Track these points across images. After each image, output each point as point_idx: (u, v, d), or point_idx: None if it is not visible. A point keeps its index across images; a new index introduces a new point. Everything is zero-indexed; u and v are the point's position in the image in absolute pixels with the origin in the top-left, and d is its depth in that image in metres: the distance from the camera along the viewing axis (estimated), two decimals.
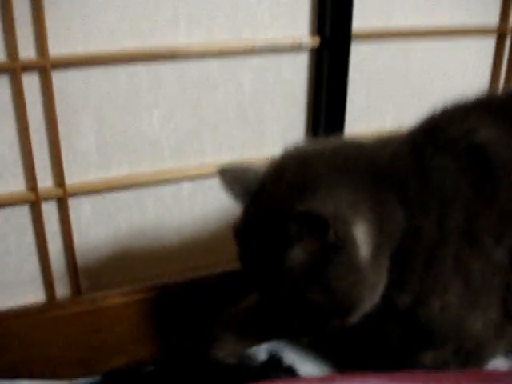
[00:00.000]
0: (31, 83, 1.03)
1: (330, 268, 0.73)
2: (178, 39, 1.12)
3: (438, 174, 0.79)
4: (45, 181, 1.10)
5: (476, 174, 0.79)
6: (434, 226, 0.78)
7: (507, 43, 1.47)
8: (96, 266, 1.20)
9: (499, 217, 0.77)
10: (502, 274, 0.79)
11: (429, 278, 0.79)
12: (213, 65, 1.16)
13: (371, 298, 0.79)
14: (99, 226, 1.18)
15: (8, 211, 1.09)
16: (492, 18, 1.45)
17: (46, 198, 1.10)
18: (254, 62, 1.20)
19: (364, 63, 1.31)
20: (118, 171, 1.16)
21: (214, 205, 1.25)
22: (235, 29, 1.16)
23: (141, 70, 1.11)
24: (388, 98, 1.37)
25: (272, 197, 0.79)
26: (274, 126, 1.24)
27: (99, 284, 1.20)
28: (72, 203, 1.13)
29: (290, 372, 0.92)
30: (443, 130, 0.83)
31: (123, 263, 1.22)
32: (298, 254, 0.74)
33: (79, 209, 1.15)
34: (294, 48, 1.21)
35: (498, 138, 0.80)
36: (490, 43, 1.47)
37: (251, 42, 1.16)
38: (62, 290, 1.17)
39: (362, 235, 0.75)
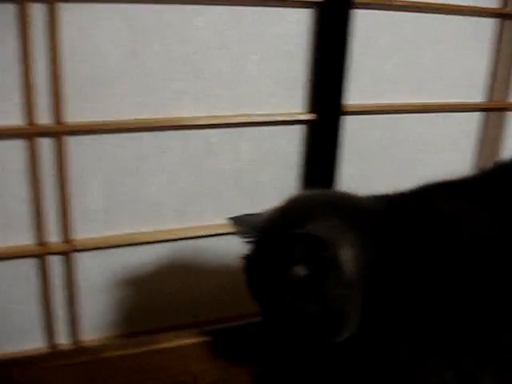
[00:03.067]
0: (46, 147, 1.13)
1: (326, 282, 0.85)
2: (183, 111, 1.22)
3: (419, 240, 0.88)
4: (52, 236, 1.19)
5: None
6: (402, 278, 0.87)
7: (492, 118, 1.57)
8: (97, 317, 1.27)
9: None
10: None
11: (399, 324, 0.87)
12: (214, 135, 1.27)
13: (355, 315, 0.88)
14: (101, 280, 1.26)
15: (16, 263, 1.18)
16: (477, 95, 1.55)
17: (54, 253, 1.18)
18: (252, 133, 1.30)
19: (356, 136, 1.41)
20: (123, 230, 1.25)
21: (213, 263, 1.34)
22: (236, 103, 1.26)
23: (148, 138, 1.21)
24: (378, 168, 1.46)
25: (276, 227, 0.91)
26: (269, 193, 1.33)
27: (101, 335, 1.27)
28: (77, 257, 1.21)
29: None
30: (420, 203, 0.93)
31: (122, 316, 1.29)
32: (300, 270, 0.85)
33: (84, 263, 1.23)
34: (289, 123, 1.31)
35: (467, 216, 0.88)
36: (475, 118, 1.57)
37: (250, 116, 1.27)
38: (62, 339, 1.25)
39: (348, 258, 0.87)
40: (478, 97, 1.55)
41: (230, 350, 1.06)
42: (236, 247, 0.92)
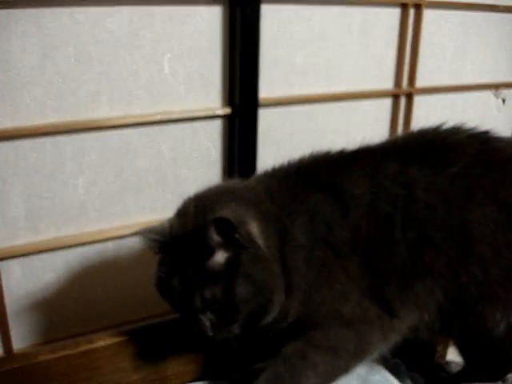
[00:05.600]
0: None
1: (244, 261, 0.92)
2: (100, 112, 1.23)
3: (304, 196, 1.01)
4: None
5: (333, 200, 1.00)
6: (303, 232, 0.98)
7: (402, 103, 1.64)
8: (26, 323, 1.27)
9: (350, 232, 0.97)
10: (364, 273, 0.98)
11: (310, 277, 0.97)
12: (133, 134, 1.28)
13: (280, 288, 0.96)
14: (28, 287, 1.25)
15: None
16: (388, 83, 1.63)
17: None
18: (172, 130, 1.32)
19: (272, 127, 1.45)
20: (46, 234, 1.24)
21: (137, 261, 1.35)
22: (153, 101, 1.28)
23: (65, 140, 1.21)
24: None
25: (182, 226, 0.97)
26: (192, 188, 1.34)
27: (31, 341, 1.26)
28: (2, 266, 1.20)
29: None
30: (311, 170, 1.05)
31: (52, 320, 1.29)
32: (219, 256, 0.92)
33: (9, 271, 1.22)
34: (208, 117, 1.34)
35: (352, 178, 1.01)
36: (386, 104, 1.65)
37: (168, 113, 1.29)
38: None
39: (256, 232, 0.96)
40: (387, 84, 1.63)
41: (156, 345, 1.08)
42: None
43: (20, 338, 1.26)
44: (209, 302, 0.92)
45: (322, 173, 1.03)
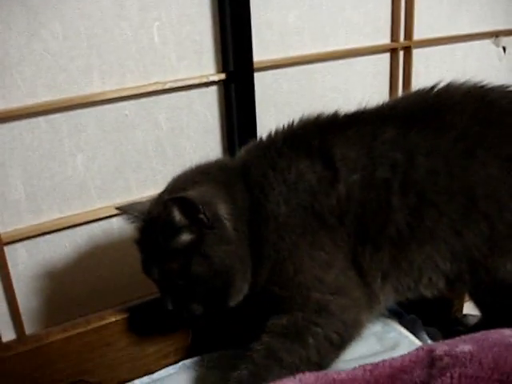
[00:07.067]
0: None
1: (206, 241, 0.94)
2: (93, 87, 1.21)
3: (286, 164, 0.99)
4: None
5: (321, 167, 0.97)
6: (280, 201, 0.97)
7: (400, 58, 1.61)
8: (37, 306, 1.26)
9: (339, 200, 0.96)
10: (350, 243, 0.97)
11: (282, 246, 0.96)
12: (128, 107, 1.26)
13: (244, 271, 0.97)
14: (36, 269, 1.24)
15: None
16: (385, 39, 1.59)
17: None
18: (167, 100, 1.30)
19: (269, 90, 1.42)
20: (49, 215, 1.23)
21: None
22: (146, 72, 1.25)
23: (60, 118, 1.19)
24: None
25: (157, 203, 1.00)
26: (193, 158, 1.33)
27: (42, 323, 1.26)
28: (7, 250, 1.19)
29: None
30: (298, 135, 1.03)
31: (62, 300, 1.28)
32: (185, 236, 0.94)
33: (15, 255, 1.21)
34: (202, 85, 1.31)
35: (345, 143, 0.99)
36: (385, 59, 1.61)
37: (162, 83, 1.26)
38: (7, 332, 1.23)
39: (224, 213, 0.96)
40: (384, 39, 1.59)
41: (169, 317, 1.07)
42: None
43: (31, 321, 1.26)
44: (166, 277, 0.96)
45: (310, 137, 1.01)
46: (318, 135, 1.01)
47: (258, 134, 1.36)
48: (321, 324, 0.94)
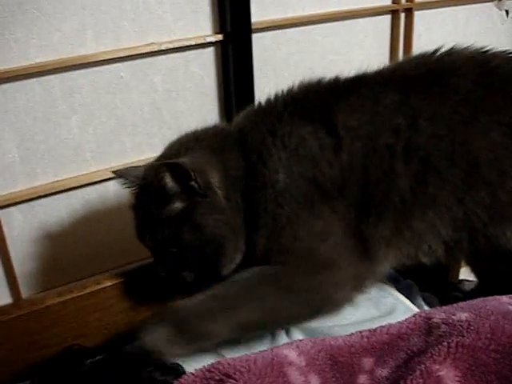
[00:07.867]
0: None
1: (198, 209, 0.94)
2: (87, 48, 1.18)
3: (287, 130, 0.97)
4: None
5: (324, 134, 0.96)
6: (279, 168, 0.95)
7: (401, 20, 1.58)
8: (33, 270, 1.25)
9: (342, 170, 0.94)
10: (351, 213, 0.95)
11: (281, 213, 0.95)
12: (123, 68, 1.23)
13: (236, 240, 0.97)
14: (31, 233, 1.23)
15: None
16: (386, 0, 1.55)
17: None
18: (163, 61, 1.27)
19: (268, 52, 1.39)
20: (44, 179, 1.21)
21: None
22: (141, 33, 1.22)
23: (54, 80, 1.17)
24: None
25: (150, 169, 0.99)
26: (190, 121, 1.31)
27: (38, 287, 1.26)
28: (2, 214, 1.18)
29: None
30: (300, 101, 1.01)
31: (58, 264, 1.28)
32: (177, 204, 0.94)
33: (10, 219, 1.20)
34: (199, 45, 1.28)
35: (347, 109, 0.97)
36: (386, 21, 1.58)
37: (157, 44, 1.23)
38: (3, 297, 1.23)
39: (216, 182, 0.95)
40: (385, 0, 1.55)
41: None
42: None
43: (28, 285, 1.25)
44: (159, 244, 0.96)
45: (312, 104, 0.99)
46: (319, 101, 0.99)
47: (256, 98, 1.34)
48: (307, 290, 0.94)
